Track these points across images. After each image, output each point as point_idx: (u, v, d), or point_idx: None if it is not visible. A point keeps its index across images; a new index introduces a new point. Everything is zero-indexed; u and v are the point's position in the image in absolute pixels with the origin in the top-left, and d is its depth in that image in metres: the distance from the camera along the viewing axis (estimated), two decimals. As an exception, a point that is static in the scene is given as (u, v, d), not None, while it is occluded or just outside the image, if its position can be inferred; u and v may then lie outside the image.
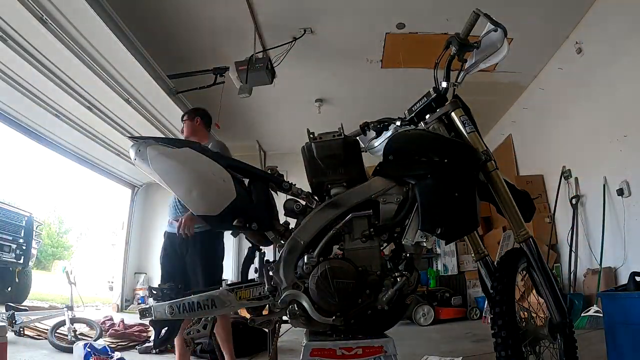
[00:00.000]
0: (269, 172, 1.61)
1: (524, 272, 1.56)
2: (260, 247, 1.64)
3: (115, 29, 3.02)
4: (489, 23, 1.62)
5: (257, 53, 4.04)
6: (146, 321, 1.65)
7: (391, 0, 3.83)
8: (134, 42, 3.27)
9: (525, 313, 1.56)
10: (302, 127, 1.89)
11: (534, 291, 1.58)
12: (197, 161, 1.56)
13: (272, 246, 1.62)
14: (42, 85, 3.54)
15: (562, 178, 4.49)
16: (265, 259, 1.58)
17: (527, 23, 4.00)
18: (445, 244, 5.54)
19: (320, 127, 1.64)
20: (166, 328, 1.66)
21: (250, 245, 1.67)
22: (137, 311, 1.68)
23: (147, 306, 1.62)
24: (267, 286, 1.51)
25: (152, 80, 3.64)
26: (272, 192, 1.63)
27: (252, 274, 1.63)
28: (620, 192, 3.59)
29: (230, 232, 1.60)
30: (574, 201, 4.27)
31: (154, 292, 1.66)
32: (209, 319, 1.69)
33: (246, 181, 1.63)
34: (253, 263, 1.62)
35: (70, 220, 21.62)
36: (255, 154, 6.95)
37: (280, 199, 1.63)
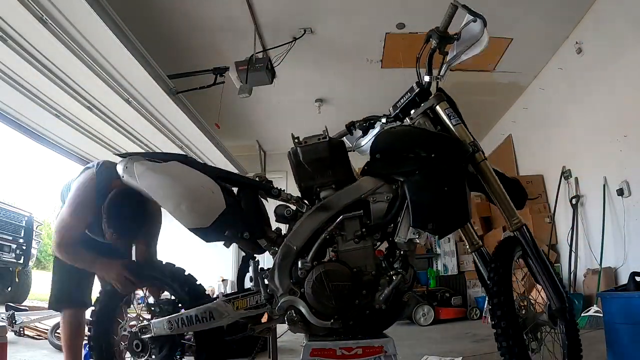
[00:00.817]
0: (257, 179, 1.60)
1: (520, 260, 1.56)
2: (255, 255, 1.62)
3: (115, 29, 3.01)
4: (467, 14, 1.61)
5: (257, 53, 4.04)
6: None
7: (391, 0, 3.82)
8: (134, 42, 3.26)
9: (525, 301, 1.56)
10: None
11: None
12: (184, 174, 1.55)
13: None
14: (42, 85, 3.53)
15: (562, 178, 4.49)
16: (259, 266, 1.56)
17: (527, 23, 3.99)
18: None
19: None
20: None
21: (244, 254, 1.66)
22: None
23: (146, 323, 1.61)
24: (263, 294, 1.50)
25: (152, 80, 3.63)
26: (262, 199, 1.62)
27: (248, 283, 1.62)
28: (620, 192, 3.59)
29: (223, 242, 1.58)
30: (574, 201, 4.27)
31: (152, 308, 1.66)
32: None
33: (236, 190, 1.62)
34: (248, 272, 1.60)
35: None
36: (255, 154, 6.95)
37: (271, 205, 1.61)
